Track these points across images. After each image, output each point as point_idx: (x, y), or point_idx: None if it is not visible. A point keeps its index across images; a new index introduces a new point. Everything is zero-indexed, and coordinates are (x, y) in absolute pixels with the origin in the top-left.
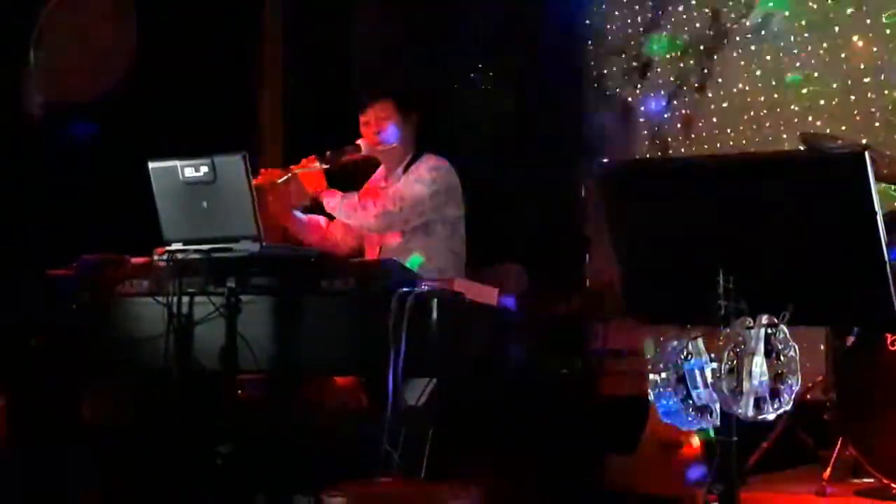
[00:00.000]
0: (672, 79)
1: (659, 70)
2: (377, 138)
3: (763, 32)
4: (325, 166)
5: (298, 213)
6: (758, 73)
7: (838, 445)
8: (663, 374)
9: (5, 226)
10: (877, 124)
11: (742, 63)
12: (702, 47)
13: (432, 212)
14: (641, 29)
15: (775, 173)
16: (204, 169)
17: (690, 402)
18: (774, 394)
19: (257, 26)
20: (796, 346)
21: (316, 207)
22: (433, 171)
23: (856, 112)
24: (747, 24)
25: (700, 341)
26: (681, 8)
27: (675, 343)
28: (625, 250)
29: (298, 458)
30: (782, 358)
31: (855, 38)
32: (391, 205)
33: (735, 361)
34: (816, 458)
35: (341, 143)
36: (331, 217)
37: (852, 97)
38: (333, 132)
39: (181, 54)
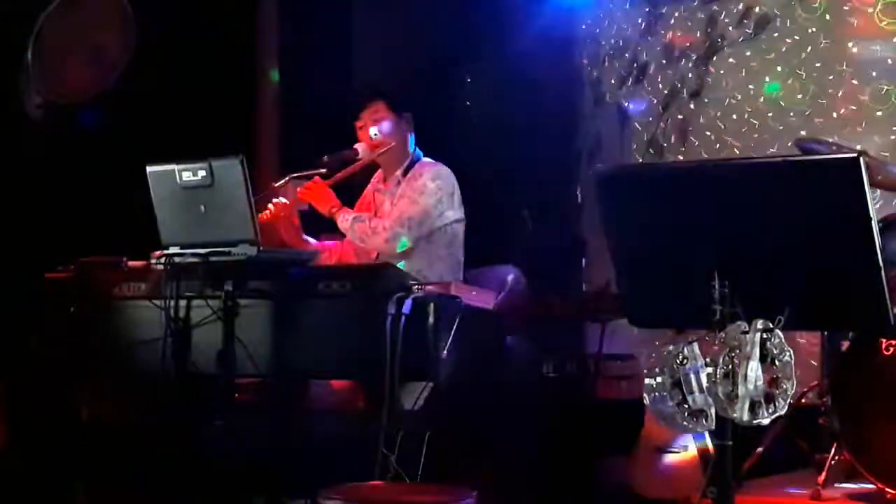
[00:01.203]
0: (668, 84)
1: (655, 75)
2: (374, 141)
3: (758, 38)
4: (324, 171)
5: (310, 239)
6: (753, 78)
7: (833, 450)
8: (659, 378)
9: (4, 228)
10: (872, 130)
11: (737, 69)
12: (697, 54)
13: (438, 220)
14: (638, 34)
15: (770, 178)
16: (201, 173)
17: (686, 406)
18: (769, 398)
19: (255, 27)
20: (791, 351)
21: (313, 212)
22: (434, 179)
23: (851, 118)
24: (743, 29)
25: (696, 345)
26: (676, 14)
27: (671, 347)
28: (621, 254)
29: (295, 462)
30: (777, 363)
31: (850, 43)
32: (399, 226)
33: (731, 366)
34: (811, 462)
35: (340, 145)
36: (341, 236)
37: (848, 103)
38: (332, 133)
39: (180, 56)
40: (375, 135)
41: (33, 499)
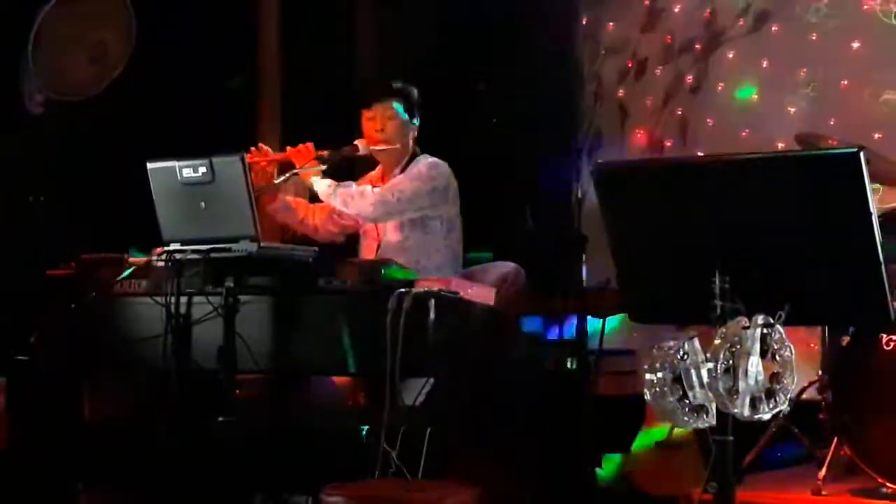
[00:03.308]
0: (667, 80)
1: (654, 71)
2: (379, 136)
3: (758, 33)
4: (323, 167)
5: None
6: (753, 73)
7: (833, 445)
8: (660, 374)
9: (5, 226)
10: (873, 125)
11: (738, 64)
12: (698, 48)
13: (430, 209)
14: (637, 30)
15: (771, 173)
16: (202, 169)
17: (686, 401)
18: (770, 393)
19: (256, 24)
20: (792, 346)
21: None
22: (432, 169)
23: (852, 113)
24: (743, 24)
25: (696, 341)
26: (677, 9)
27: (672, 343)
28: (622, 250)
29: (296, 458)
30: (778, 358)
31: (852, 38)
32: (389, 195)
33: (731, 361)
34: (812, 457)
35: (340, 142)
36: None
37: (848, 98)
38: (333, 132)
39: (181, 54)
40: (382, 131)
41: (33, 499)
